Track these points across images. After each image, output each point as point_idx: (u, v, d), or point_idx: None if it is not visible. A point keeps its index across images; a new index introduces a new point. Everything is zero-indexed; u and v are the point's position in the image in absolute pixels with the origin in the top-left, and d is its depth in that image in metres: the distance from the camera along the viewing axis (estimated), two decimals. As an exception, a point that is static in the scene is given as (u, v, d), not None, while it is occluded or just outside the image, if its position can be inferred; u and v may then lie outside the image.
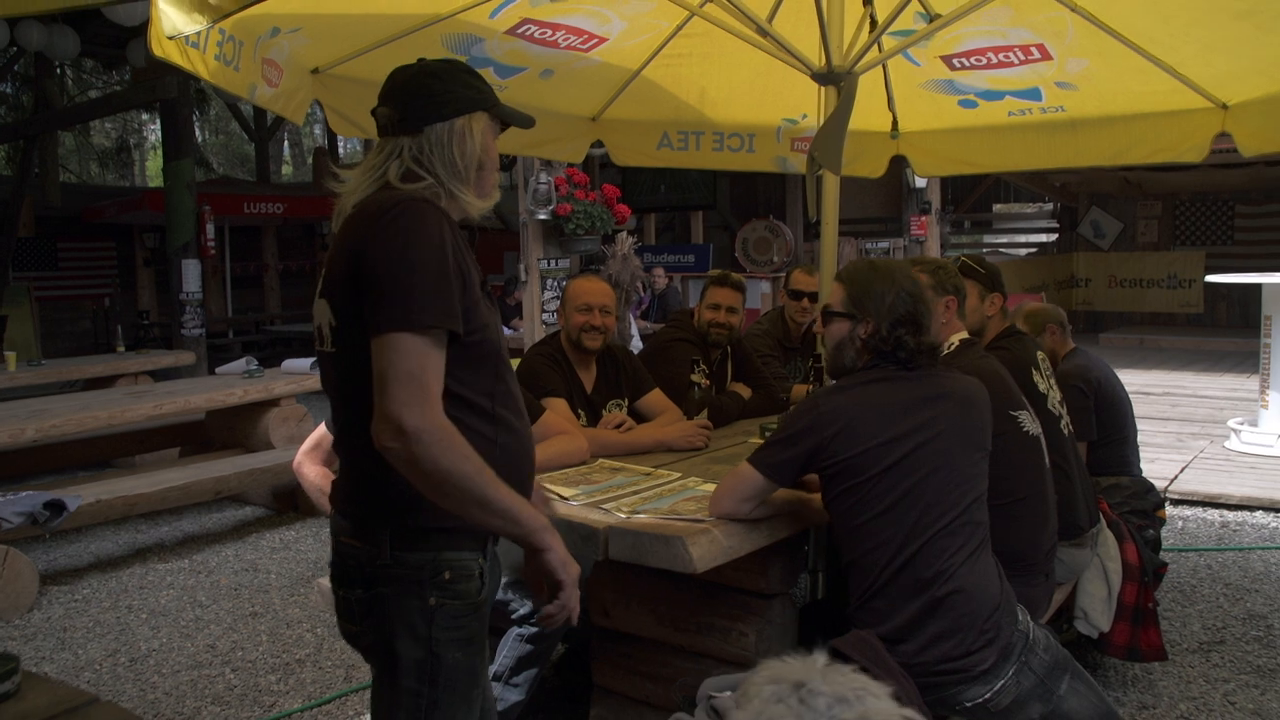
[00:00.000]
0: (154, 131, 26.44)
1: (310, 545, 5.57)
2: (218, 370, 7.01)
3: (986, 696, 2.32)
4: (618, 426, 3.38)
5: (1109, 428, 4.12)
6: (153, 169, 28.16)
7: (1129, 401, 4.29)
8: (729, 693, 2.19)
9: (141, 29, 10.92)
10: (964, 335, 3.01)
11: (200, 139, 18.86)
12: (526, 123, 1.97)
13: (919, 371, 2.46)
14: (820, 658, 1.28)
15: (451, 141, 1.81)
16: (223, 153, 27.71)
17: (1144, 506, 4.03)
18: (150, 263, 13.91)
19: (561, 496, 2.66)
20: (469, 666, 1.82)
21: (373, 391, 1.65)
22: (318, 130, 25.90)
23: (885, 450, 2.34)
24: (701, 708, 2.19)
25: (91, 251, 14.29)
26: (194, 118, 11.42)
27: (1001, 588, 2.42)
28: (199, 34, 2.81)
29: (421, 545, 1.75)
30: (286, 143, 28.42)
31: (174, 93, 9.78)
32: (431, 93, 1.81)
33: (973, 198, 16.40)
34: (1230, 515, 5.79)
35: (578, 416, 3.43)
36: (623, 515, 2.49)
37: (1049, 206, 16.36)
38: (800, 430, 2.41)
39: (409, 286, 1.65)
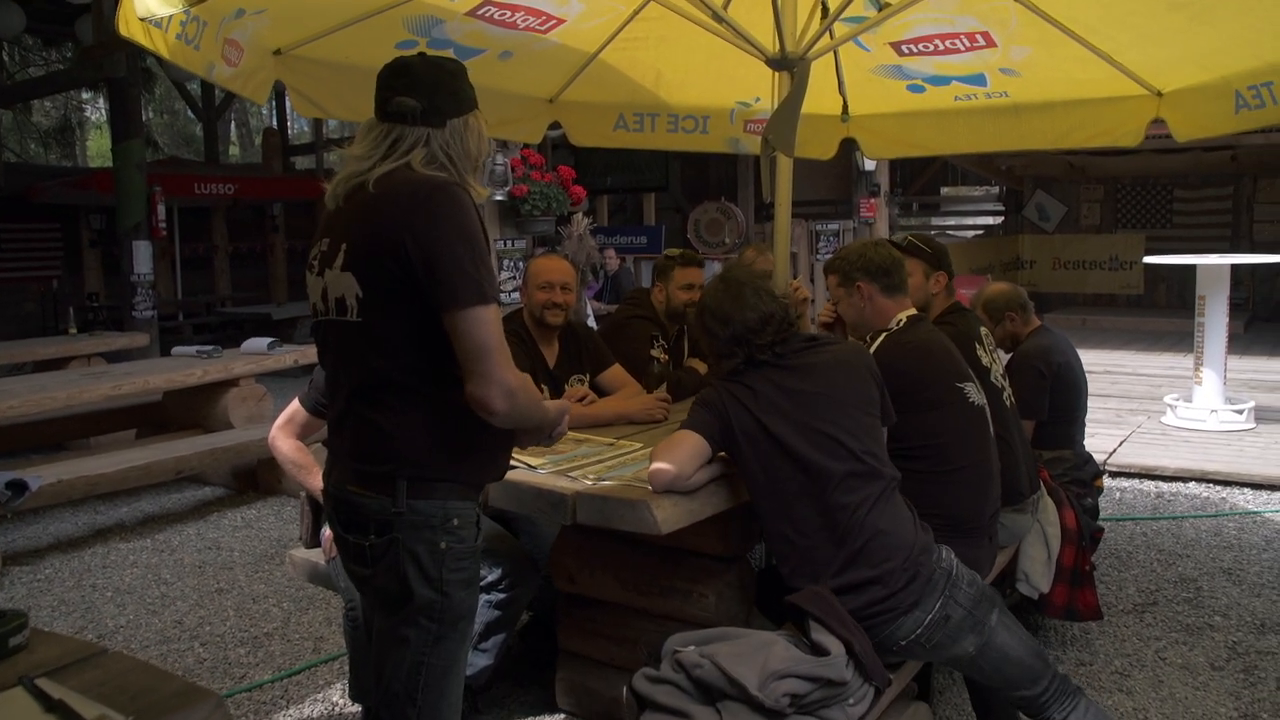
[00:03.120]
0: (96, 110, 25.92)
1: (272, 523, 5.61)
2: (174, 351, 6.97)
3: (918, 631, 2.45)
4: (581, 400, 3.49)
5: (1060, 409, 4.22)
6: (94, 149, 27.60)
7: (1085, 384, 4.38)
8: (692, 647, 2.32)
9: (88, 6, 10.72)
10: (911, 311, 3.13)
11: (146, 118, 18.56)
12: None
13: (792, 356, 2.63)
14: None
15: (466, 135, 2.03)
16: (168, 132, 27.21)
17: (1083, 477, 4.21)
18: (96, 244, 13.68)
19: (529, 465, 2.77)
20: (469, 605, 2.04)
21: (464, 362, 1.90)
22: (264, 111, 25.59)
23: (765, 432, 2.51)
24: (667, 661, 2.32)
25: (35, 233, 14.02)
26: (141, 97, 11.24)
27: (915, 528, 2.55)
28: (166, 16, 2.87)
29: (432, 495, 1.98)
30: (234, 123, 28.02)
31: (122, 71, 9.62)
32: (452, 90, 2.03)
33: (921, 180, 16.66)
34: (1165, 486, 6.03)
35: (541, 390, 3.52)
36: (589, 482, 2.60)
37: (995, 190, 16.64)
38: (711, 410, 2.61)
39: (474, 266, 1.90)
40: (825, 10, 3.79)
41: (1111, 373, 9.66)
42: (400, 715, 2.01)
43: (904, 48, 4.42)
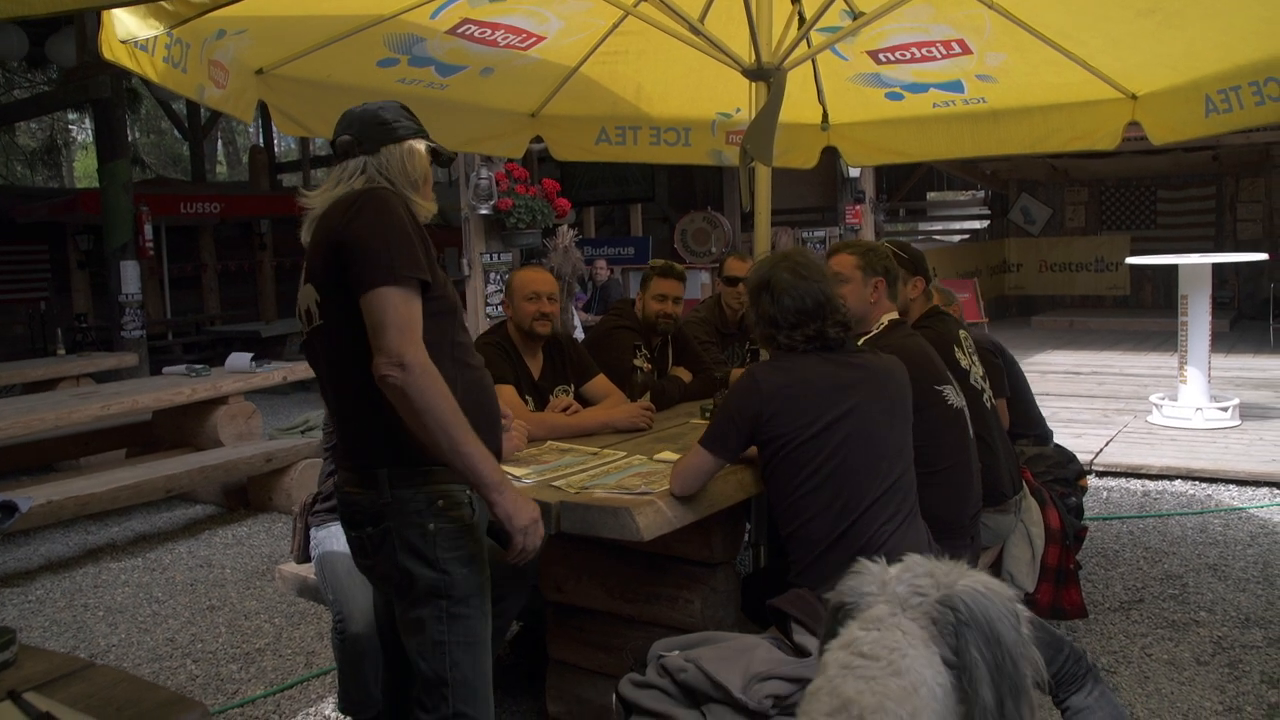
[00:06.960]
0: (83, 131, 25.89)
1: (263, 540, 5.62)
2: (164, 371, 6.98)
3: None
4: (565, 410, 3.52)
5: (1014, 387, 4.28)
6: (81, 169, 27.56)
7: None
8: (677, 651, 2.34)
9: (60, 25, 10.75)
10: (893, 315, 3.18)
11: (132, 138, 18.58)
12: (445, 159, 2.32)
13: (842, 352, 2.65)
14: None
15: (404, 158, 2.21)
16: (155, 151, 27.19)
17: (1066, 475, 4.24)
18: (84, 265, 13.66)
19: (514, 476, 2.79)
20: (477, 582, 2.13)
21: (369, 341, 1.97)
22: (251, 129, 25.58)
23: (817, 423, 2.51)
24: (652, 666, 2.34)
25: (22, 255, 13.99)
26: (126, 117, 11.26)
27: (929, 550, 2.58)
28: (149, 38, 2.89)
29: (415, 482, 2.09)
30: (220, 142, 28.01)
31: (107, 92, 9.65)
32: (383, 121, 2.22)
33: (907, 186, 16.74)
34: (1151, 484, 6.07)
35: (525, 402, 3.56)
36: (573, 491, 2.63)
37: (980, 194, 16.71)
38: (741, 406, 2.58)
39: (386, 249, 2.00)
40: (801, 20, 3.83)
41: (1099, 373, 9.72)
42: (437, 697, 2.11)
43: (881, 56, 4.47)
